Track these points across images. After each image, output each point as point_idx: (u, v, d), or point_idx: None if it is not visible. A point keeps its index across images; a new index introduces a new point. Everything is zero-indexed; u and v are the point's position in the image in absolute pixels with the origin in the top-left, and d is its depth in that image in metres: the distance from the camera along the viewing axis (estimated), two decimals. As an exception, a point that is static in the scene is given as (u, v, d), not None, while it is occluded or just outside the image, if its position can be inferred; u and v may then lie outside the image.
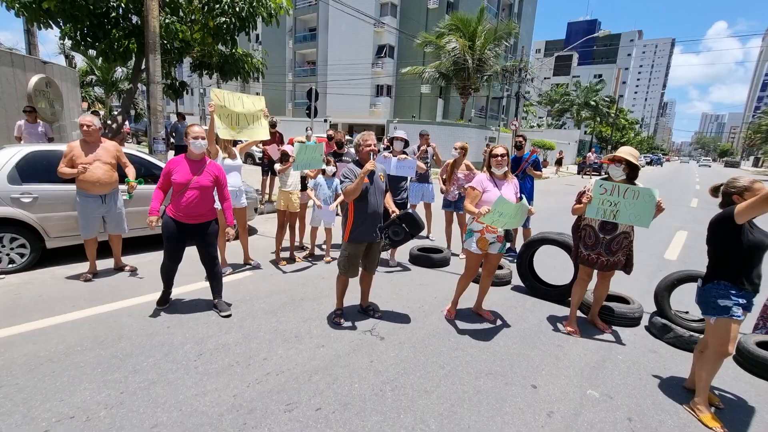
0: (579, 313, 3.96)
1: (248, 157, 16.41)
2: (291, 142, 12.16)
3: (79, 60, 20.45)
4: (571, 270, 4.24)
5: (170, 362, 2.83)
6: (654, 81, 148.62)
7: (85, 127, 4.05)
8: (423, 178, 6.53)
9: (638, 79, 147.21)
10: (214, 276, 3.65)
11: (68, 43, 8.33)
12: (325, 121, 26.35)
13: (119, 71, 20.10)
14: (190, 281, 4.27)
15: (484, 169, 3.62)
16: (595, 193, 3.21)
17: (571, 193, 15.42)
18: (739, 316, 2.42)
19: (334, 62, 33.45)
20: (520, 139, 5.97)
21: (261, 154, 9.10)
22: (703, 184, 24.22)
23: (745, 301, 2.44)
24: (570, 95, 45.72)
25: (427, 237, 6.70)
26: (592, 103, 44.12)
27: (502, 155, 3.39)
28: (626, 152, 3.22)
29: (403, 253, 5.54)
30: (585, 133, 47.68)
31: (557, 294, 4.28)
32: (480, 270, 3.75)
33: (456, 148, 5.64)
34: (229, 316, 3.56)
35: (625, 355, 3.29)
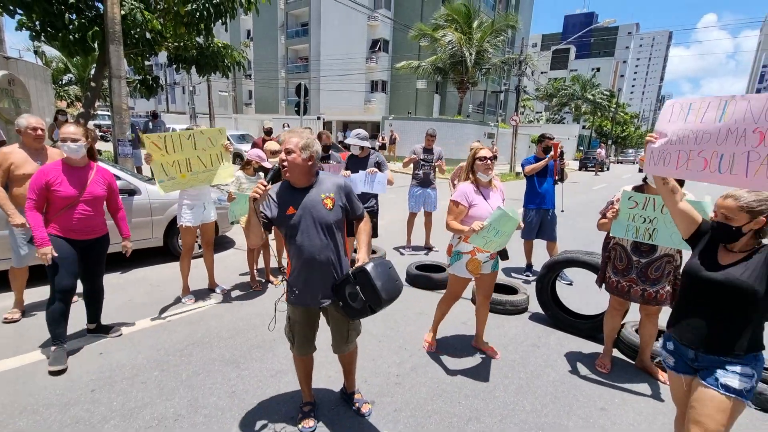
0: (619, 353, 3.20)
1: (236, 157, 15.51)
2: (260, 143, 11.10)
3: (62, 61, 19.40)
4: (605, 295, 3.47)
5: (78, 455, 2.05)
6: (651, 74, 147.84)
7: (39, 131, 3.27)
8: (426, 182, 5.75)
9: (635, 73, 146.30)
10: (95, 294, 3.16)
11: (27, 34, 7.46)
12: (319, 118, 25.51)
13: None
14: (141, 314, 3.49)
15: (466, 175, 2.91)
16: (622, 206, 2.54)
17: (574, 192, 14.64)
18: (667, 363, 1.84)
19: (327, 58, 32.46)
20: (552, 142, 4.83)
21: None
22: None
23: (672, 348, 1.78)
24: (567, 89, 44.85)
25: (428, 250, 5.92)
26: (590, 97, 43.32)
27: (490, 158, 2.79)
28: None
29: (399, 271, 4.75)
30: (584, 127, 46.90)
31: (589, 328, 3.49)
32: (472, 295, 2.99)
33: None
34: (118, 334, 3.18)
35: (690, 420, 2.53)
